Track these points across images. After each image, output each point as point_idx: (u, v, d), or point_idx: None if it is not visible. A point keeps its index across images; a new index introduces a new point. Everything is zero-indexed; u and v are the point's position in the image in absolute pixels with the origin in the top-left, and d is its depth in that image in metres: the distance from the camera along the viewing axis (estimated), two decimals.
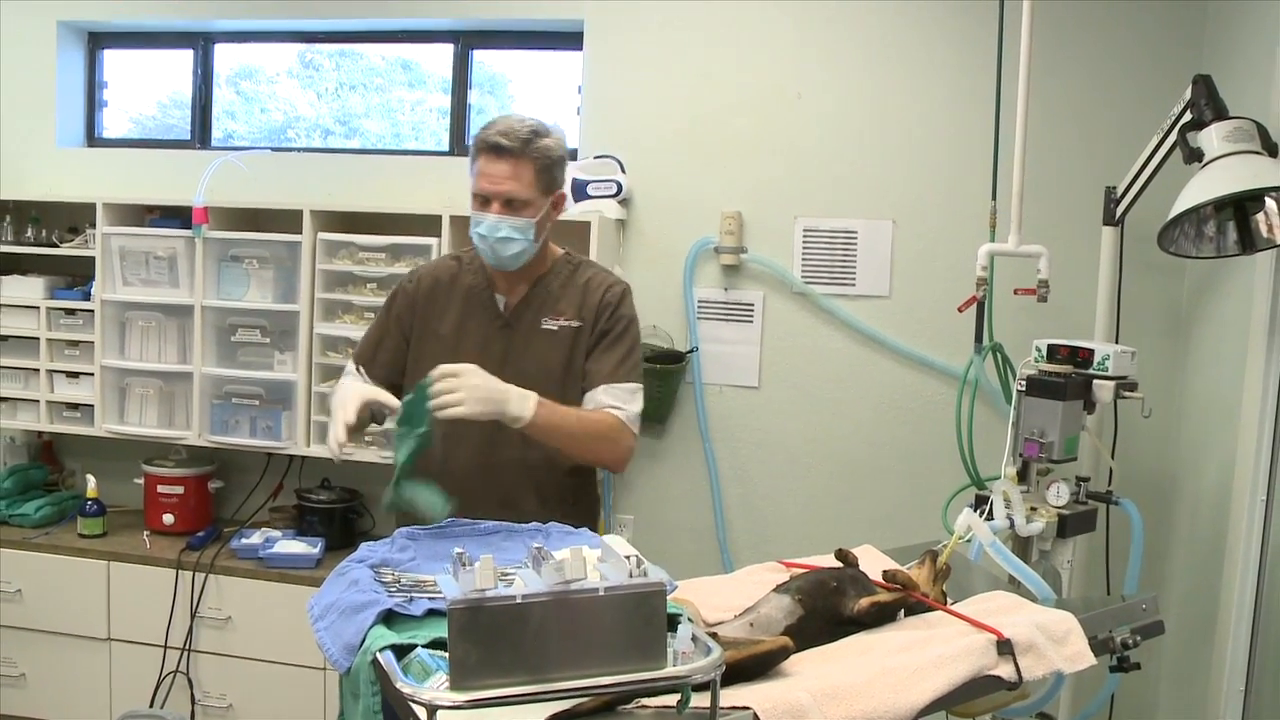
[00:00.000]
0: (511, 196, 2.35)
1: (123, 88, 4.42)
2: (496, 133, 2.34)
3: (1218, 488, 2.98)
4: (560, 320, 2.49)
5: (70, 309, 3.84)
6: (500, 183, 2.35)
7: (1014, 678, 1.73)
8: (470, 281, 2.55)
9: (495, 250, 2.39)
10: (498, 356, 2.44)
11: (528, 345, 2.48)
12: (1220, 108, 2.66)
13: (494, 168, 2.35)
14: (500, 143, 2.32)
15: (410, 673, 1.34)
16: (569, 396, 2.44)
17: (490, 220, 2.36)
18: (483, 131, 2.38)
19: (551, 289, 2.52)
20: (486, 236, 2.38)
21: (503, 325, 2.51)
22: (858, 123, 3.56)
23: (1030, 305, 3.07)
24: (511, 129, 2.34)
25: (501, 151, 2.33)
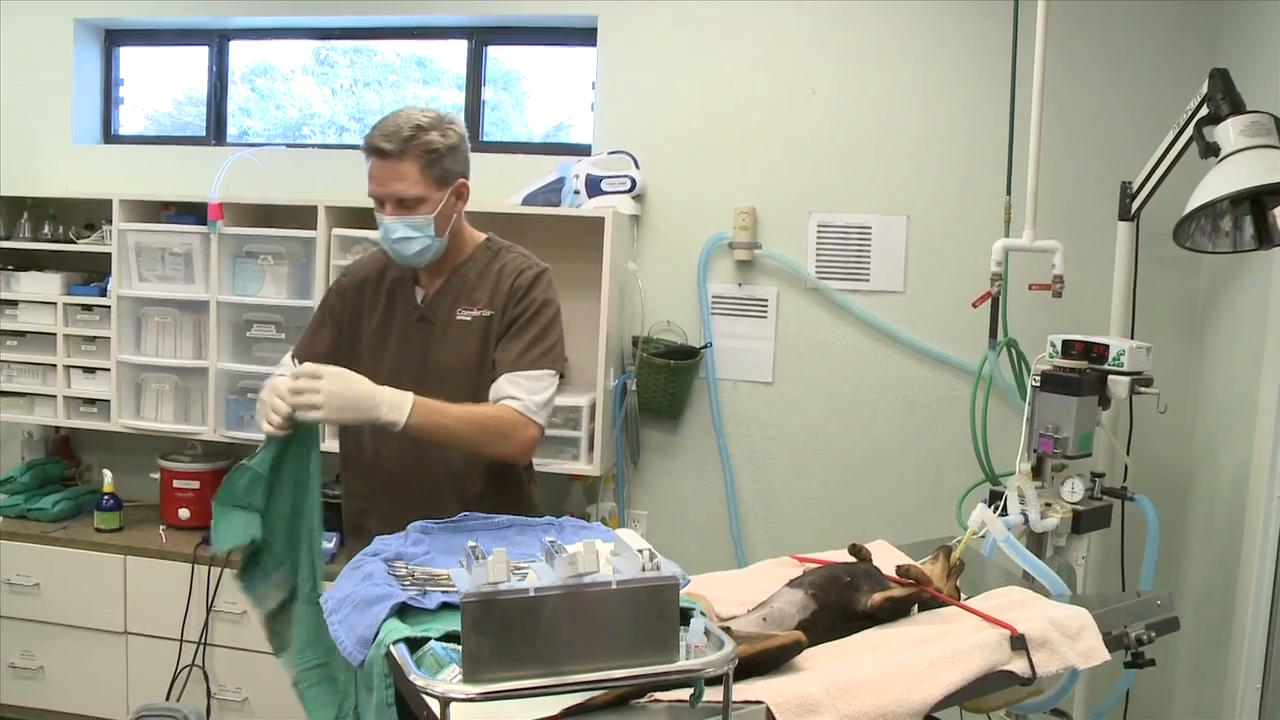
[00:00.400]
0: (400, 196, 2.32)
1: (139, 85, 4.44)
2: (378, 135, 2.30)
3: (1234, 484, 2.97)
4: (475, 310, 2.44)
5: (87, 305, 3.87)
6: (387, 184, 2.32)
7: (1028, 673, 1.73)
8: (395, 275, 2.51)
9: (397, 251, 2.37)
10: (417, 351, 2.44)
11: (444, 337, 2.45)
12: (1237, 101, 2.64)
13: (379, 170, 2.32)
14: (381, 146, 2.29)
15: (423, 666, 1.34)
16: (482, 390, 2.40)
17: (386, 222, 2.34)
18: (368, 134, 2.34)
19: (468, 278, 2.48)
20: (385, 238, 2.37)
21: (419, 318, 2.47)
22: (872, 118, 3.55)
23: (1045, 301, 3.06)
24: (391, 130, 2.30)
25: (383, 154, 2.30)
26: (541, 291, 2.46)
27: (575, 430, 3.45)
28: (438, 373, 2.39)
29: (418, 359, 2.42)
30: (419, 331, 2.46)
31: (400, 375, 2.36)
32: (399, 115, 2.33)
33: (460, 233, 2.47)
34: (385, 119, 2.33)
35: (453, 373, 2.39)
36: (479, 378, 2.41)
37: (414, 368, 2.41)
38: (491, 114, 4.10)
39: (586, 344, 3.52)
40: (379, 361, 2.44)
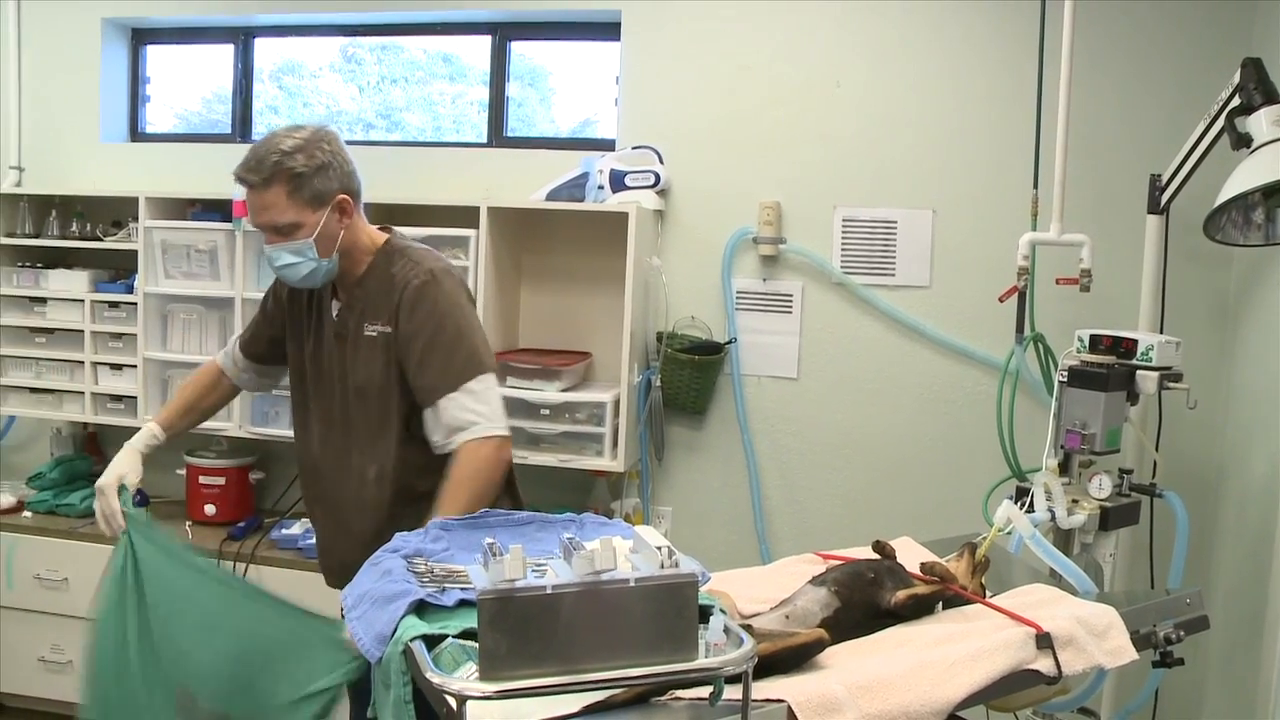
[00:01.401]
0: (274, 224, 2.27)
1: (169, 83, 4.46)
2: (241, 167, 2.26)
3: (1266, 480, 2.93)
4: (378, 325, 2.36)
5: (114, 302, 3.89)
6: (260, 214, 2.28)
7: (1053, 672, 1.71)
8: (322, 289, 2.46)
9: (286, 277, 2.34)
10: (337, 368, 2.42)
11: (356, 355, 2.39)
12: (1270, 91, 2.61)
13: (250, 200, 2.29)
14: (244, 177, 2.26)
15: (441, 663, 1.34)
16: (391, 408, 2.36)
17: (268, 250, 2.30)
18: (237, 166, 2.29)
19: (370, 290, 2.40)
20: (271, 266, 2.34)
21: (336, 334, 2.43)
22: (897, 112, 3.53)
23: (1072, 295, 3.02)
24: (254, 161, 2.24)
25: (249, 185, 2.26)
26: (432, 303, 2.32)
27: (599, 426, 3.44)
28: (357, 392, 2.38)
29: (338, 377, 2.42)
30: (337, 347, 2.42)
31: (325, 394, 2.43)
32: (265, 143, 2.27)
33: (356, 244, 2.38)
34: (252, 148, 2.28)
35: (365, 391, 2.37)
36: (388, 395, 2.36)
37: (336, 387, 2.42)
38: (517, 110, 4.10)
39: (611, 340, 3.51)
40: (305, 379, 2.48)
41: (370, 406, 2.37)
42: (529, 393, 3.42)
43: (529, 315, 3.84)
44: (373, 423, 2.38)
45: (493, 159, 3.94)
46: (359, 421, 2.39)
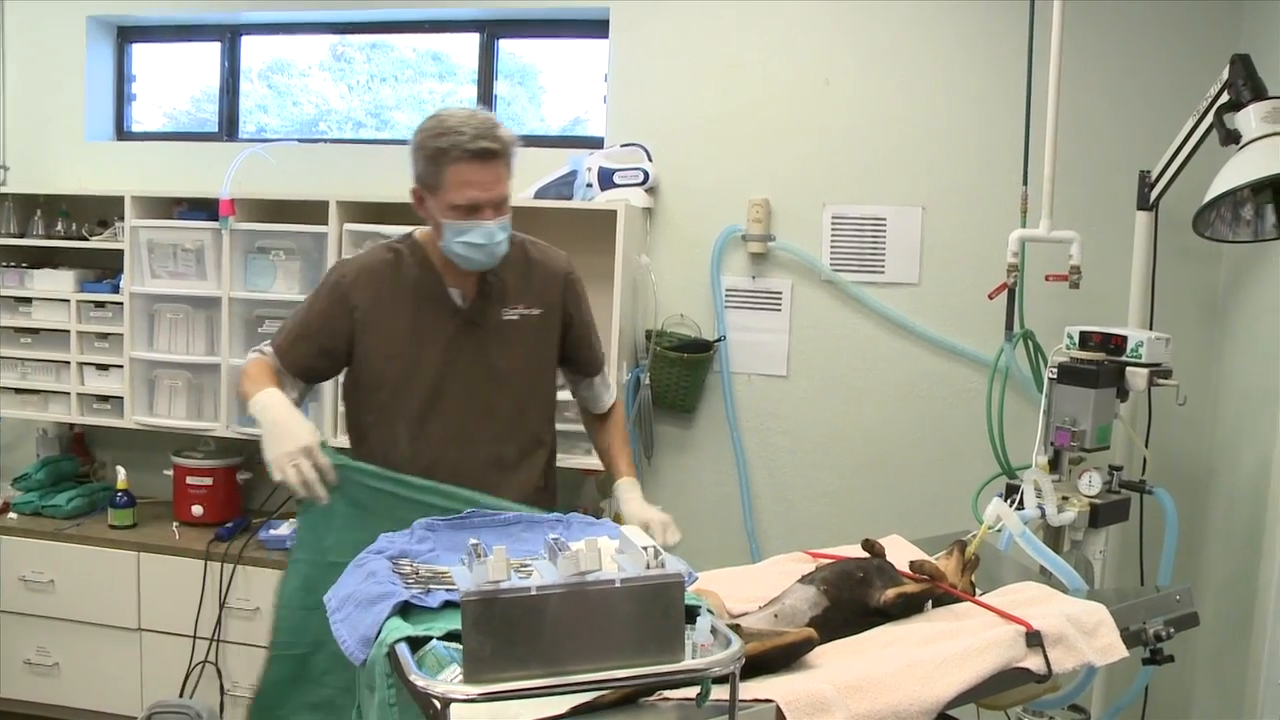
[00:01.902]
0: (504, 198, 2.24)
1: (157, 82, 4.43)
2: (475, 136, 2.17)
3: (1255, 476, 2.93)
4: (520, 309, 2.38)
5: (100, 302, 3.86)
6: (492, 188, 2.21)
7: (1043, 670, 1.70)
8: (417, 275, 2.37)
9: (493, 254, 2.27)
10: (467, 355, 2.35)
11: (494, 340, 2.37)
12: (1259, 88, 2.60)
13: (483, 174, 2.20)
14: (487, 147, 2.18)
15: (425, 665, 1.32)
16: (538, 388, 2.44)
17: (489, 227, 2.23)
18: (451, 137, 2.18)
19: (504, 276, 2.38)
20: (485, 245, 2.24)
21: (465, 322, 2.36)
22: (887, 109, 3.52)
23: (1062, 292, 3.02)
24: (487, 129, 2.19)
25: (488, 155, 2.19)
26: (584, 289, 2.52)
27: None
28: (497, 377, 2.36)
29: (471, 365, 2.35)
30: (466, 335, 2.36)
31: (454, 385, 2.34)
32: (464, 114, 2.23)
33: None
34: (457, 120, 2.20)
35: (505, 374, 2.37)
36: (537, 377, 2.44)
37: (468, 375, 2.35)
38: (506, 108, 4.08)
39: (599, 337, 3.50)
40: (423, 373, 2.34)
41: (509, 390, 2.38)
42: None
43: None
44: (515, 404, 2.40)
45: None
46: (500, 406, 2.38)
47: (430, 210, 2.28)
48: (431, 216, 2.29)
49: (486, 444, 2.36)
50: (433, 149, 2.20)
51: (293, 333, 2.39)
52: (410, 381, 2.34)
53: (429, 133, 2.22)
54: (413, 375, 2.34)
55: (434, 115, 2.25)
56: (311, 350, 2.37)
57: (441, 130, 2.19)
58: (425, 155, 2.22)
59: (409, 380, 2.34)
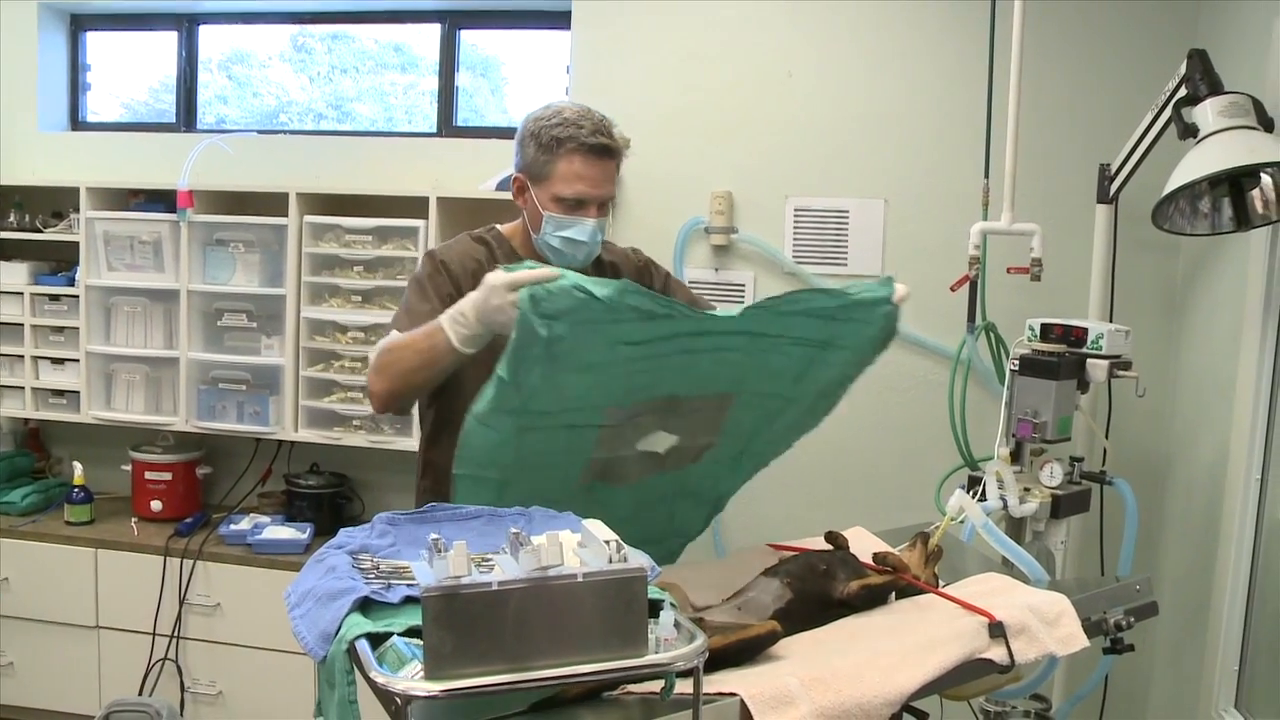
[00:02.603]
0: (609, 198, 2.22)
1: (113, 71, 4.37)
2: (594, 132, 2.14)
3: (1212, 467, 2.96)
4: None
5: (54, 295, 3.81)
6: (602, 185, 2.18)
7: (1006, 661, 1.71)
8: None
9: (590, 253, 2.24)
10: None
11: None
12: (1215, 82, 2.62)
13: (596, 170, 2.16)
14: (605, 144, 2.15)
15: (386, 662, 1.30)
16: None
17: (590, 225, 2.19)
18: (569, 128, 2.15)
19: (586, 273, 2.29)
20: (584, 242, 2.20)
21: None
22: (849, 101, 3.52)
23: (1023, 284, 3.04)
24: (604, 126, 2.17)
25: (604, 153, 2.16)
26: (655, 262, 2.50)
27: None
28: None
29: None
30: None
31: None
32: (580, 109, 2.19)
33: None
34: (574, 114, 2.17)
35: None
36: None
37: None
38: (469, 101, 4.06)
39: None
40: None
41: None
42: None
43: None
44: None
45: (442, 149, 3.90)
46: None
47: (531, 201, 2.22)
48: (531, 207, 2.23)
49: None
50: (548, 138, 2.15)
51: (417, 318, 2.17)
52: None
53: (545, 121, 2.17)
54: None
55: (548, 105, 2.21)
56: None
57: (559, 121, 2.16)
58: (538, 143, 2.17)
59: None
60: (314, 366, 3.59)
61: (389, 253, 3.51)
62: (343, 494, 3.83)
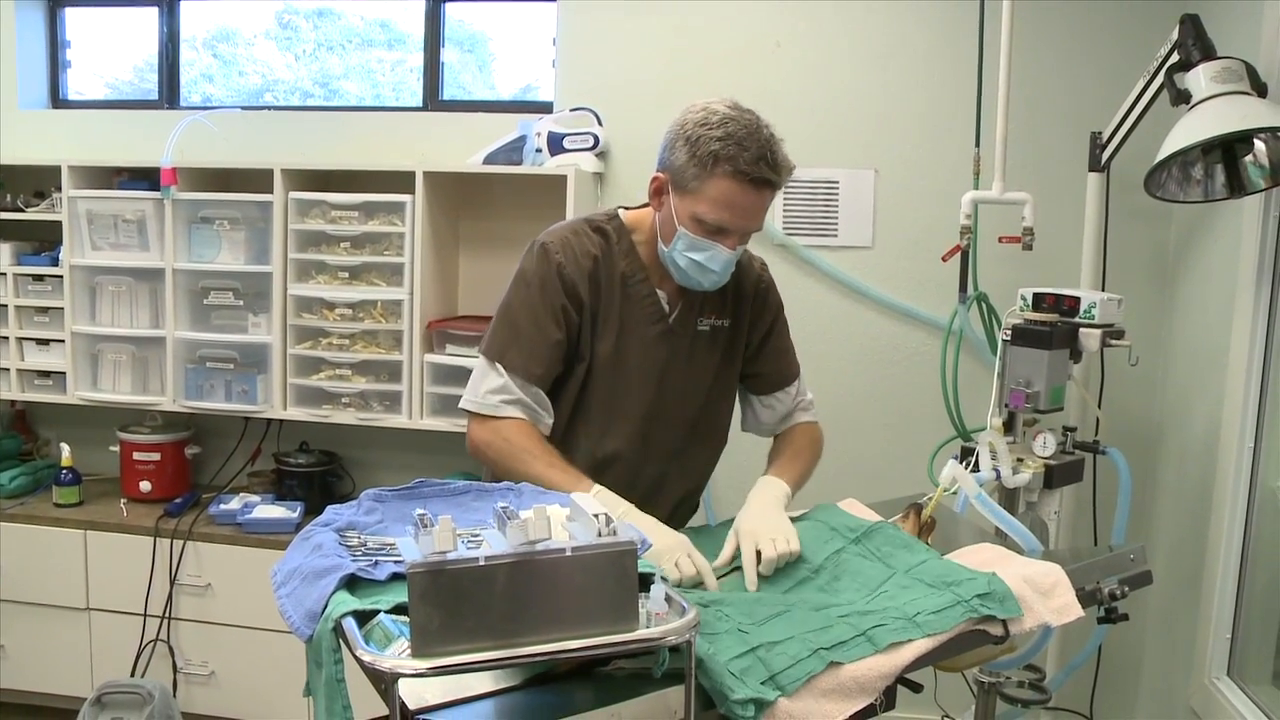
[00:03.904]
0: (756, 229, 2.03)
1: (97, 49, 4.31)
2: (758, 159, 1.91)
3: (1205, 435, 2.95)
4: (711, 319, 2.17)
5: (38, 275, 3.77)
6: (752, 218, 1.98)
7: (1001, 632, 1.70)
8: (625, 267, 2.11)
9: (713, 279, 2.04)
10: (659, 365, 2.13)
11: (686, 351, 2.15)
12: (1208, 48, 2.60)
13: (751, 201, 1.95)
14: (770, 178, 1.94)
15: (373, 639, 1.29)
16: (715, 403, 2.23)
17: (725, 256, 1.99)
18: (730, 148, 1.91)
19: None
20: (714, 272, 2.01)
21: (666, 330, 2.13)
22: (838, 71, 3.49)
23: (1015, 253, 3.02)
24: (768, 154, 1.93)
25: (763, 185, 1.94)
26: (777, 296, 2.29)
27: None
28: (674, 389, 2.15)
29: (655, 374, 2.12)
30: (663, 344, 2.13)
31: (631, 392, 2.12)
32: (761, 136, 1.95)
33: None
34: (764, 141, 1.94)
35: (688, 387, 2.16)
36: (710, 392, 2.20)
37: (652, 384, 2.13)
38: (455, 76, 4.01)
39: None
40: (614, 375, 2.11)
41: (673, 400, 2.15)
42: (468, 360, 3.36)
43: (467, 281, 3.78)
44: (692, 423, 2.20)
45: (428, 123, 3.86)
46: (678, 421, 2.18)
47: (669, 208, 2.02)
48: (666, 214, 2.03)
49: (655, 462, 2.18)
50: (706, 153, 1.92)
51: (530, 342, 2.05)
52: (607, 394, 2.11)
53: (705, 128, 1.94)
54: (608, 387, 2.11)
55: (712, 110, 1.97)
56: (559, 358, 2.08)
57: (722, 135, 1.93)
58: (692, 152, 1.94)
59: (605, 393, 2.11)
60: (302, 344, 3.56)
61: (376, 228, 3.48)
62: (333, 472, 3.81)
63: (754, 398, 2.33)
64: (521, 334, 2.04)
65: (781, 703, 1.42)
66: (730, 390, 2.28)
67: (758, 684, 1.41)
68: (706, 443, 2.28)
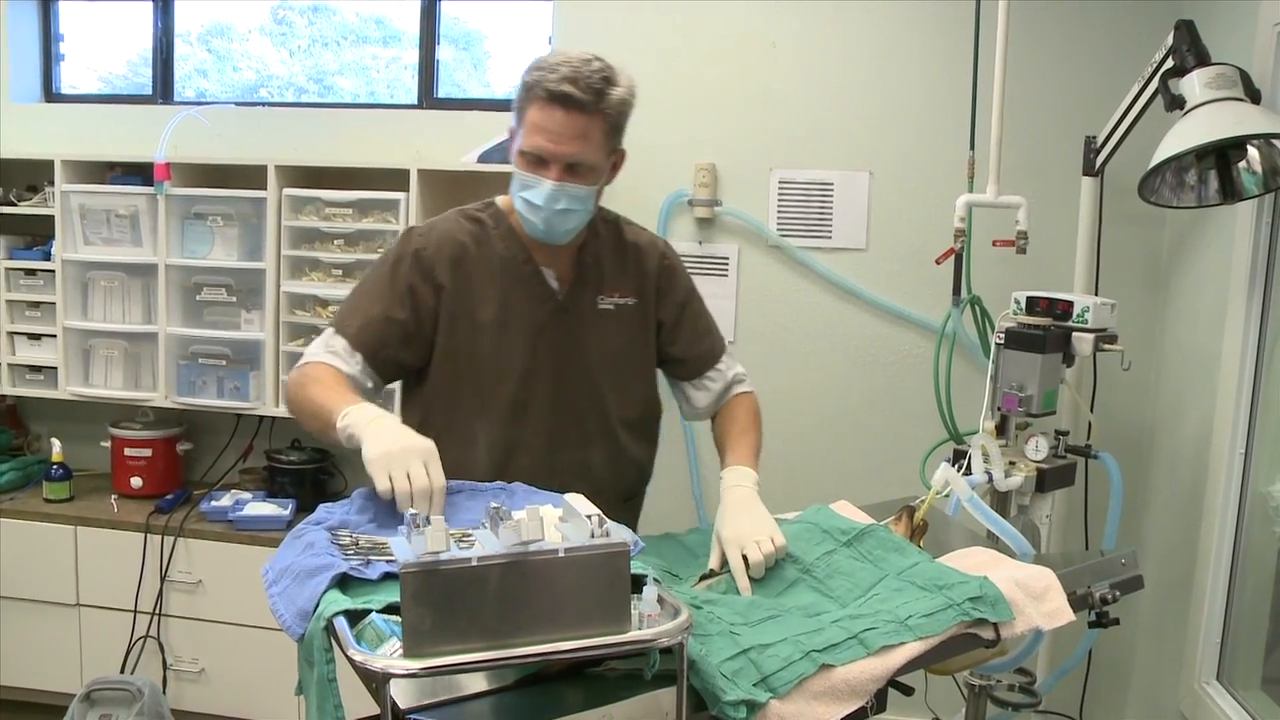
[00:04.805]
0: (578, 160, 1.92)
1: (92, 44, 4.29)
2: (563, 79, 1.86)
3: (1197, 440, 2.96)
4: (615, 298, 2.11)
5: (30, 269, 3.76)
6: (565, 142, 1.89)
7: (992, 635, 1.70)
8: (504, 251, 2.06)
9: (550, 223, 1.96)
10: (557, 347, 2.06)
11: (587, 330, 2.09)
12: (1202, 54, 2.61)
13: (558, 123, 1.88)
14: (570, 93, 1.86)
15: (364, 639, 1.29)
16: (630, 384, 2.15)
17: (548, 187, 1.91)
18: (540, 73, 1.88)
19: (600, 259, 2.12)
20: (541, 206, 1.93)
21: (558, 309, 2.07)
22: (834, 72, 3.49)
23: (1009, 257, 3.02)
24: (580, 74, 1.88)
25: (570, 103, 1.87)
26: (684, 271, 2.23)
27: None
28: (580, 371, 2.08)
29: (562, 361, 2.06)
30: (557, 325, 2.06)
31: (542, 384, 2.05)
32: (573, 57, 1.92)
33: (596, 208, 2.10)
34: (561, 59, 1.90)
35: (596, 370, 2.09)
36: (621, 373, 2.13)
37: (558, 373, 2.06)
38: (450, 74, 4.01)
39: None
40: (500, 361, 2.04)
41: (589, 386, 2.08)
42: None
43: None
44: (604, 407, 2.10)
45: (423, 121, 3.85)
46: (589, 409, 2.09)
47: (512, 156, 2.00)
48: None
49: (571, 450, 2.08)
50: (521, 83, 1.93)
51: (366, 314, 2.02)
52: (495, 380, 2.04)
53: (528, 66, 1.94)
54: (498, 373, 2.04)
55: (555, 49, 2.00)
56: (395, 336, 2.02)
57: (537, 64, 1.92)
58: (519, 88, 1.94)
59: (494, 379, 2.04)
60: (294, 341, 3.55)
61: (369, 226, 3.47)
62: (325, 470, 3.80)
63: (685, 385, 2.27)
64: (360, 305, 2.03)
65: (773, 704, 1.42)
66: (648, 371, 2.20)
67: (749, 686, 1.41)
68: (635, 430, 2.18)
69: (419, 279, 2.02)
